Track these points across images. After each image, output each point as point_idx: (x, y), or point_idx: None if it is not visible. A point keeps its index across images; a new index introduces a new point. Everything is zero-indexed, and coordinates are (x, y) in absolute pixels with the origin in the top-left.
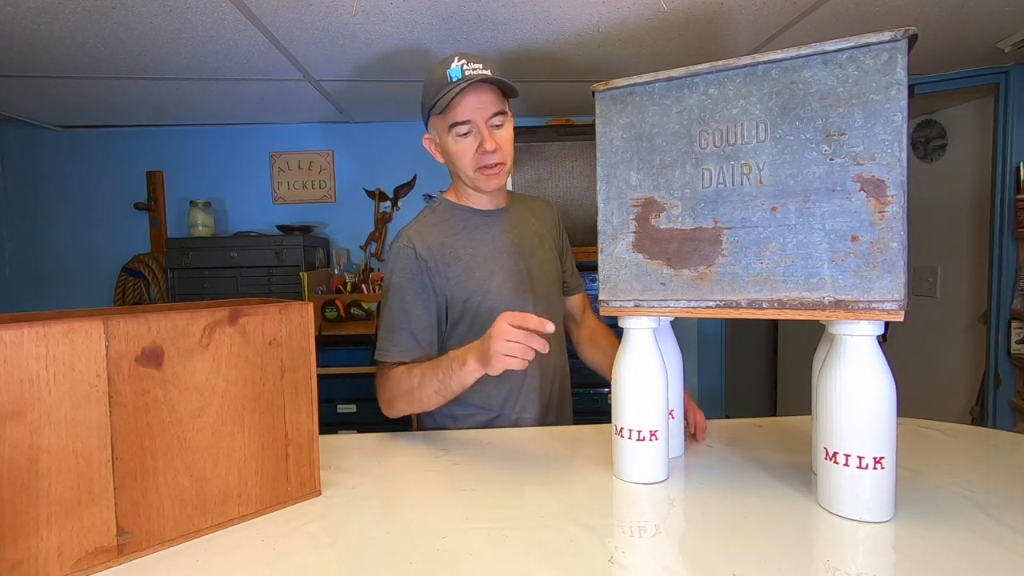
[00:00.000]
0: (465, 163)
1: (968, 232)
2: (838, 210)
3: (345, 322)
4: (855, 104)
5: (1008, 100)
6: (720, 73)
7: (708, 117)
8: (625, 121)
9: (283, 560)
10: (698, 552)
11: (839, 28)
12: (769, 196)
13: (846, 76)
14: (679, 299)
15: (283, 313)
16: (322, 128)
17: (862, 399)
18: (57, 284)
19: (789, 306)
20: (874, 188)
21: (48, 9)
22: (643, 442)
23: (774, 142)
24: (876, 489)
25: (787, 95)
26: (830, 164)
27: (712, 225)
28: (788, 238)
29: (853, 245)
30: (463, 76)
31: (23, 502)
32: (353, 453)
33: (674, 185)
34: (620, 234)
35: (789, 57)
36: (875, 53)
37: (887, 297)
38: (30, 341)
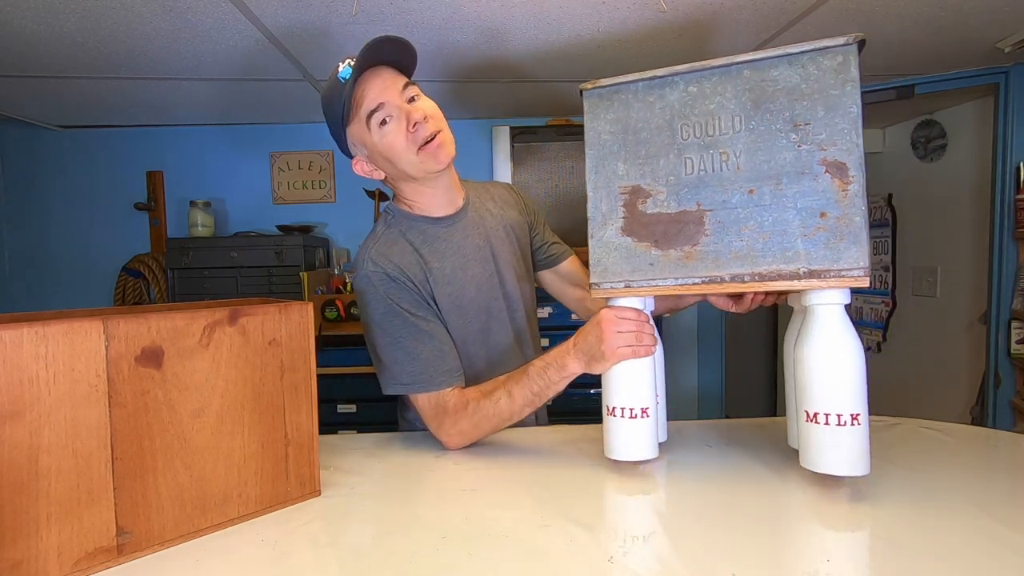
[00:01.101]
0: (401, 150)
1: (968, 232)
2: (807, 190)
3: (345, 322)
4: (817, 98)
5: (1008, 100)
6: (698, 73)
7: (688, 112)
8: (612, 117)
9: (283, 560)
10: (698, 552)
11: (839, 28)
12: (746, 180)
13: (808, 75)
14: (667, 277)
15: (283, 313)
16: (322, 128)
17: (837, 362)
18: (57, 284)
19: (768, 278)
20: (837, 170)
21: (48, 9)
22: (635, 419)
23: (748, 132)
24: (854, 444)
25: (758, 91)
26: (798, 150)
27: (695, 208)
28: (764, 217)
29: (822, 221)
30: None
31: (23, 502)
32: (353, 453)
33: (659, 173)
34: (609, 220)
35: (758, 58)
36: (832, 55)
37: (854, 265)
38: (30, 341)
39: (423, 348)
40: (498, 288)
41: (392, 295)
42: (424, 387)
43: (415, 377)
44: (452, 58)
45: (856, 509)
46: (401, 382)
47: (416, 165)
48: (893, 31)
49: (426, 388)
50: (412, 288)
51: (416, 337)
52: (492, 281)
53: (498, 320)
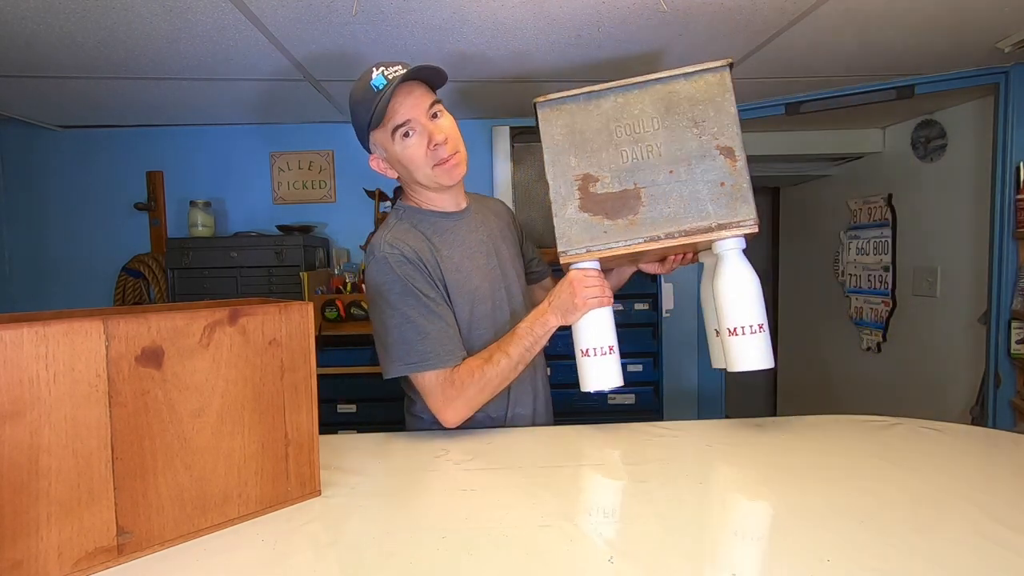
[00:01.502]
0: (420, 163)
1: (968, 232)
2: (709, 168)
3: (345, 322)
4: (707, 102)
5: (1008, 100)
6: (624, 87)
7: (619, 116)
8: (561, 122)
9: (283, 560)
10: (698, 552)
11: (838, 29)
12: (666, 164)
13: (699, 87)
14: (618, 240)
15: (283, 313)
16: (322, 128)
17: (745, 289)
18: (57, 284)
19: (691, 233)
20: (728, 152)
21: (48, 9)
22: (605, 355)
23: (664, 129)
24: (763, 345)
25: (668, 100)
26: (700, 140)
27: (633, 187)
28: (683, 189)
29: (722, 189)
30: (387, 81)
31: (23, 502)
32: (353, 453)
33: (603, 163)
34: (568, 201)
35: (665, 76)
36: (714, 72)
37: (747, 217)
38: (30, 341)
39: (433, 328)
40: (500, 280)
41: (408, 276)
42: (432, 365)
43: (424, 355)
44: (452, 58)
45: (856, 509)
46: (408, 361)
47: (430, 177)
48: (893, 31)
49: (434, 366)
50: (425, 271)
51: (427, 317)
52: (495, 273)
53: (500, 309)
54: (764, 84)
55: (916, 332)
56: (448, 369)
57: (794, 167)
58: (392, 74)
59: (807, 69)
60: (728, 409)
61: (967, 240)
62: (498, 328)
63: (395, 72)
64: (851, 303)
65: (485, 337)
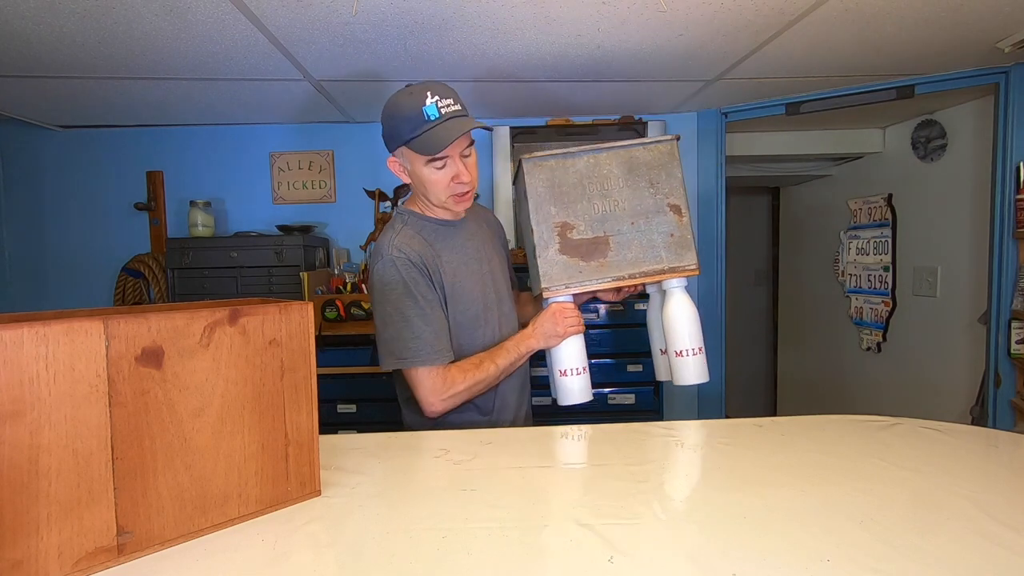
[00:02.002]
0: (440, 191)
1: (968, 232)
2: (663, 222)
3: (345, 322)
4: (660, 168)
5: (1008, 100)
6: (595, 150)
7: (591, 174)
8: (543, 177)
9: (283, 560)
10: (698, 551)
11: (838, 29)
12: (629, 216)
13: (653, 155)
14: (591, 279)
15: (283, 313)
16: (322, 128)
17: (689, 318)
18: (57, 284)
19: (648, 274)
20: (676, 209)
21: (48, 9)
22: (579, 375)
23: (627, 188)
24: (701, 364)
25: (630, 163)
26: (655, 198)
27: (603, 235)
28: (642, 238)
29: (672, 239)
30: (440, 115)
31: (23, 502)
32: (353, 453)
33: (578, 213)
34: (549, 244)
35: (627, 144)
36: (665, 144)
37: (691, 263)
38: (30, 341)
39: (427, 329)
40: (491, 285)
41: (411, 279)
42: (421, 362)
43: (415, 352)
44: (452, 58)
45: (856, 509)
46: (400, 357)
47: (442, 203)
48: (893, 31)
49: (423, 363)
50: (427, 274)
51: (423, 318)
52: (487, 279)
53: (490, 310)
54: (764, 84)
55: (916, 332)
56: (436, 367)
57: (794, 167)
58: (445, 108)
59: (807, 69)
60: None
61: (967, 240)
62: (488, 327)
63: (447, 107)
64: (851, 303)
65: (476, 335)
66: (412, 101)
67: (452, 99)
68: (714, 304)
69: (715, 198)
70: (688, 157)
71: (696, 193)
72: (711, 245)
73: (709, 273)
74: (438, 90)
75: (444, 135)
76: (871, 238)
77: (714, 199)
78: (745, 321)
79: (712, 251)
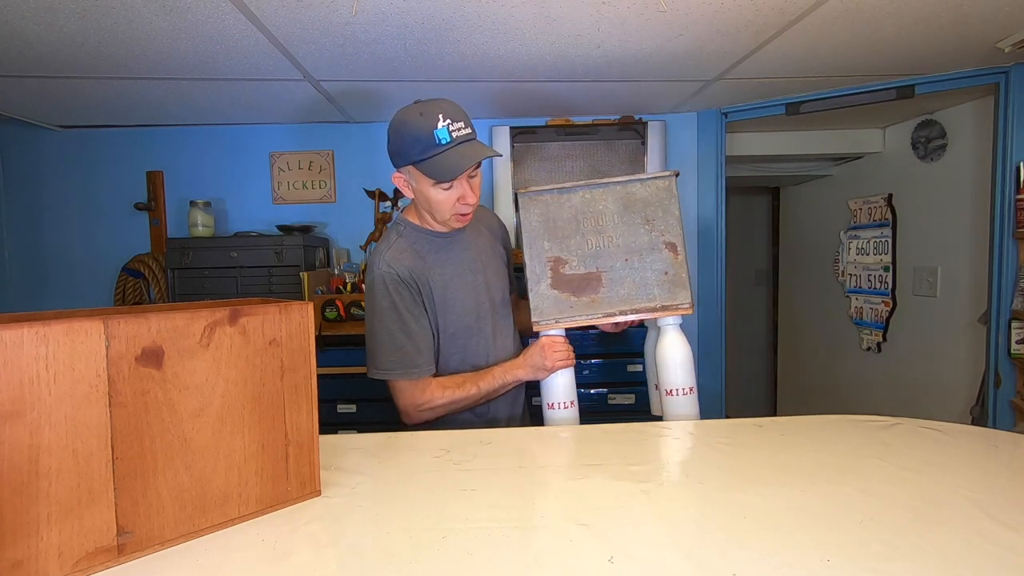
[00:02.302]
0: (444, 211)
1: (968, 232)
2: (657, 259)
3: (345, 322)
4: (656, 205)
5: (1008, 100)
6: (590, 186)
7: (586, 210)
8: (538, 212)
9: (283, 560)
10: (698, 551)
11: (838, 29)
12: (622, 253)
13: (650, 191)
14: (582, 315)
15: (283, 313)
16: (322, 128)
17: (680, 358)
18: (57, 284)
19: (639, 311)
20: (671, 247)
21: (48, 9)
22: (567, 408)
23: (622, 224)
24: (692, 405)
25: (625, 200)
26: (651, 235)
27: (595, 271)
28: (635, 275)
29: (665, 277)
30: (452, 140)
31: (23, 502)
32: (353, 453)
33: (571, 248)
34: (542, 279)
35: (624, 180)
36: (663, 180)
37: (685, 301)
38: (30, 341)
39: (407, 343)
40: (485, 294)
41: (398, 294)
42: (399, 375)
43: (393, 365)
44: (452, 58)
45: (856, 509)
46: (379, 367)
47: (444, 220)
48: (893, 31)
49: (400, 376)
50: (415, 290)
51: (404, 333)
52: (480, 289)
53: (483, 319)
54: (764, 84)
55: (916, 332)
56: (415, 380)
57: (794, 167)
58: (456, 132)
59: (807, 69)
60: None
61: (967, 240)
62: (481, 336)
63: (459, 131)
64: (851, 303)
65: (469, 344)
66: (423, 123)
67: (463, 122)
68: (714, 304)
69: (715, 198)
70: (688, 157)
71: (696, 193)
72: (711, 245)
73: (709, 273)
74: (449, 112)
75: (456, 162)
76: (871, 238)
77: (714, 199)
78: (745, 321)
79: (712, 251)
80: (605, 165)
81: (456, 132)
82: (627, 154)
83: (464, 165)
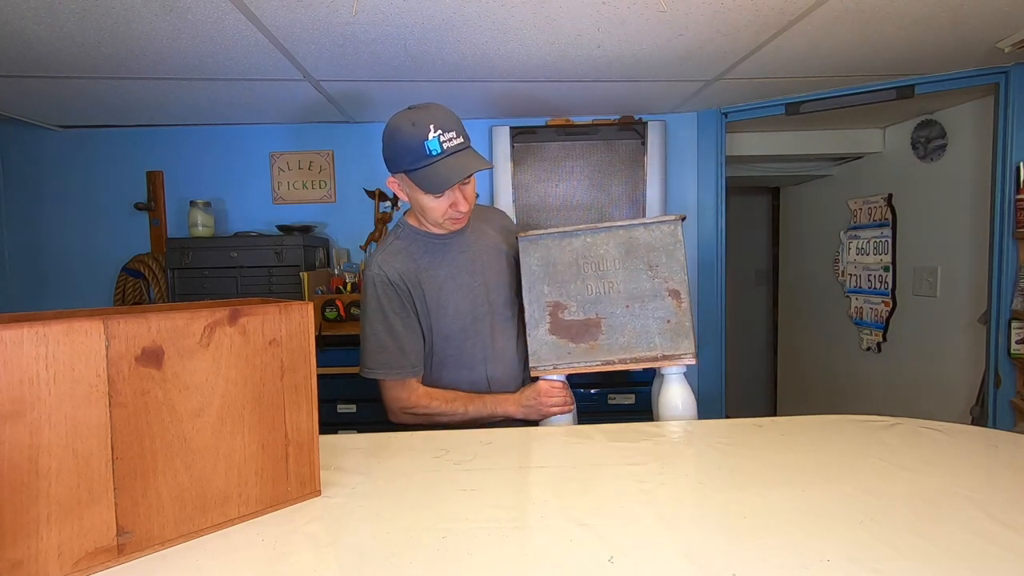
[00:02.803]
0: (437, 216)
1: (968, 232)
2: (659, 307)
3: (345, 322)
4: (661, 250)
5: (1008, 100)
6: (592, 230)
7: (587, 254)
8: (538, 255)
9: (283, 560)
10: (698, 551)
11: (838, 29)
12: (623, 299)
13: (655, 236)
14: (579, 361)
15: (283, 313)
16: (322, 128)
17: (680, 408)
18: (57, 284)
19: (639, 360)
20: (675, 294)
21: (48, 9)
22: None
23: (624, 269)
24: None
25: (628, 244)
26: (653, 281)
27: (595, 316)
28: (636, 323)
29: (668, 325)
30: (443, 151)
31: (23, 502)
32: (353, 453)
33: (571, 293)
34: (540, 323)
35: (627, 224)
36: (668, 224)
37: (688, 351)
38: (30, 341)
39: (391, 344)
40: (482, 297)
41: (386, 296)
42: (382, 375)
43: (377, 365)
44: (452, 58)
45: (856, 509)
46: (365, 366)
47: (437, 224)
48: (893, 31)
49: (383, 376)
50: (404, 292)
51: (390, 334)
52: (477, 292)
53: (479, 322)
54: (764, 84)
55: (916, 332)
56: (399, 380)
57: (794, 167)
58: (447, 143)
59: (807, 69)
60: (728, 409)
61: (967, 240)
62: (478, 338)
63: (449, 141)
64: (851, 303)
65: (465, 346)
66: (414, 132)
67: (455, 131)
68: (714, 304)
69: (715, 198)
70: (688, 157)
71: (696, 193)
72: (711, 245)
73: (709, 273)
74: (441, 121)
75: (446, 175)
76: (871, 238)
77: (714, 199)
78: (745, 321)
79: (712, 251)
80: (605, 165)
81: (448, 143)
82: (627, 154)
83: (453, 179)
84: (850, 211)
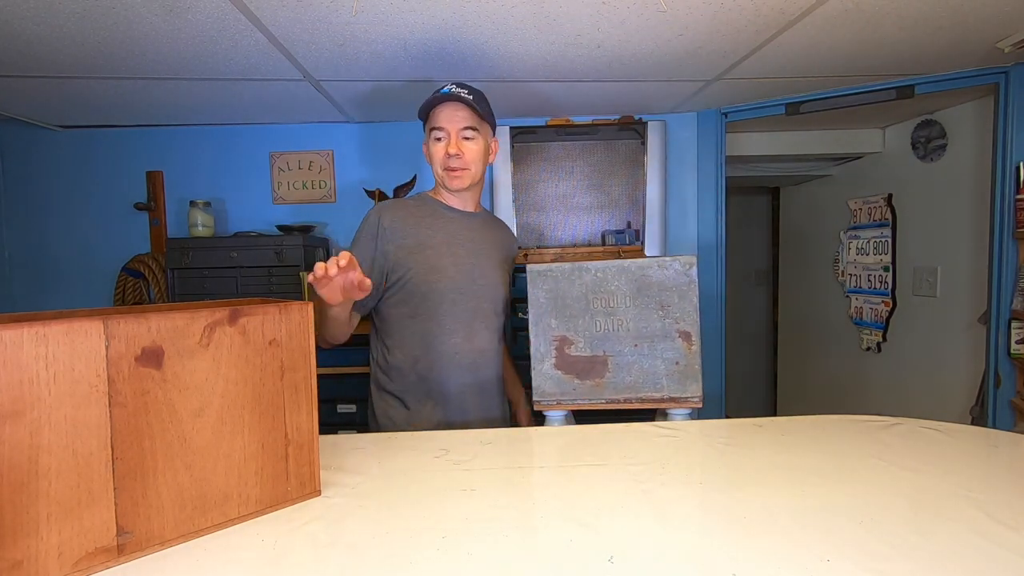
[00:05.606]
0: (436, 162)
1: (968, 232)
2: (668, 347)
3: None
4: (673, 290)
5: (1008, 100)
6: (604, 265)
7: (597, 289)
8: (547, 288)
9: (283, 560)
10: (699, 552)
11: (838, 29)
12: (632, 338)
13: (668, 275)
14: (584, 398)
15: (283, 313)
16: (322, 128)
17: None
18: (57, 284)
19: (646, 401)
20: (685, 336)
21: (48, 9)
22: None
23: (634, 307)
24: None
25: (640, 282)
26: (663, 321)
27: (602, 354)
28: (643, 363)
29: (676, 367)
30: (450, 93)
31: (23, 502)
32: (353, 453)
33: (579, 328)
34: (546, 358)
35: (640, 262)
36: (681, 263)
37: (694, 394)
38: (30, 341)
39: None
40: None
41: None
42: None
43: None
44: (452, 58)
45: (856, 509)
46: None
47: (439, 174)
48: (893, 31)
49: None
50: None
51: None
52: (473, 271)
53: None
54: (764, 84)
55: (916, 332)
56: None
57: (794, 167)
58: (456, 90)
59: (807, 69)
60: (728, 409)
61: (967, 240)
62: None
63: (459, 91)
64: (851, 303)
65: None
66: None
67: (468, 90)
68: (714, 304)
69: (715, 198)
70: (688, 157)
71: (696, 193)
72: (711, 245)
73: (709, 273)
74: (463, 82)
75: (435, 99)
76: (871, 238)
77: (714, 199)
78: (745, 321)
79: (712, 251)
80: (605, 165)
81: (455, 91)
82: (627, 154)
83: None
84: (850, 211)
